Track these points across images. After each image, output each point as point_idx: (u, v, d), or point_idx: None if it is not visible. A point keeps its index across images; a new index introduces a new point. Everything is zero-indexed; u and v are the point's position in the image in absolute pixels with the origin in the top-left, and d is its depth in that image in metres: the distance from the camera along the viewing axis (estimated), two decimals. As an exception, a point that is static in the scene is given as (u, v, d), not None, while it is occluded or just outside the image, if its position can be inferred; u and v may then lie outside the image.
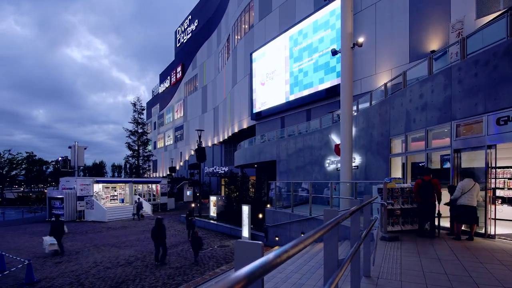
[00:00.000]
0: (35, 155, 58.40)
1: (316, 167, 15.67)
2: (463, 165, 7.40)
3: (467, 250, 5.80)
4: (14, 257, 11.29)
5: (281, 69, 23.40)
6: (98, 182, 27.47)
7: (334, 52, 12.05)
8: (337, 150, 13.02)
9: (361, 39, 11.65)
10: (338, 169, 12.85)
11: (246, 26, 29.47)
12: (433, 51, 12.23)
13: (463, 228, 6.96)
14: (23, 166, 53.75)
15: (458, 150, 7.37)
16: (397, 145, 10.06)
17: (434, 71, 8.36)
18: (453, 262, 5.07)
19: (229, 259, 12.10)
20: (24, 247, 14.64)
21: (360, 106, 13.51)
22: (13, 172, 53.22)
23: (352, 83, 11.34)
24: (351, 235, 3.51)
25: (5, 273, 9.63)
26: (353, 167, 11.75)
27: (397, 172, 9.86)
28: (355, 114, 13.02)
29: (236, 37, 31.66)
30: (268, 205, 15.62)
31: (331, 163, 14.57)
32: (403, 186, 7.58)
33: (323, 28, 19.30)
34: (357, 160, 12.66)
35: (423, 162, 8.55)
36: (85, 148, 29.87)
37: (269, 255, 0.92)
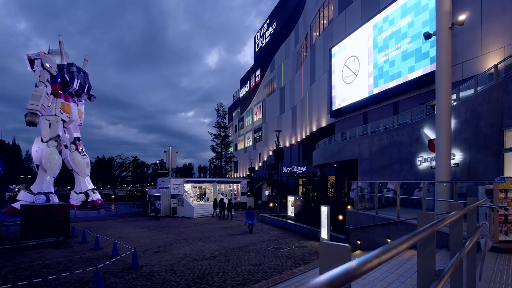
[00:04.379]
0: (139, 159, 68.16)
1: (405, 166, 13.98)
2: None
3: None
4: (124, 245, 13.26)
5: (363, 62, 21.82)
6: (187, 182, 30.37)
7: (427, 36, 10.83)
8: (431, 146, 11.38)
9: (462, 17, 10.07)
10: (433, 167, 11.18)
11: (325, 22, 28.62)
12: None
13: None
14: (130, 168, 63.17)
15: None
16: (513, 138, 8.18)
17: None
18: None
19: (307, 260, 11.81)
20: (131, 236, 17.00)
21: (461, 94, 11.50)
22: (123, 174, 63.10)
23: (450, 69, 9.86)
24: (451, 243, 2.96)
25: (117, 258, 11.38)
26: (452, 165, 10.04)
27: (513, 171, 8.01)
28: (455, 103, 11.15)
29: (314, 34, 31.01)
30: (349, 206, 14.65)
31: (424, 160, 12.78)
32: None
33: (413, 11, 17.22)
34: (457, 156, 10.77)
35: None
36: (177, 152, 33.45)
37: (359, 260, 0.87)
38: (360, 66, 22.18)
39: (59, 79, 30.37)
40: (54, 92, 30.24)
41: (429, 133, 12.39)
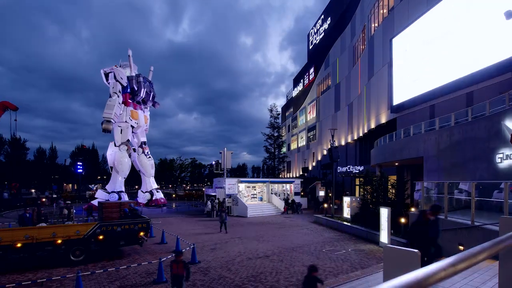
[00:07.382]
0: (197, 160, 71.97)
1: (482, 164, 12.25)
2: None
3: None
4: (184, 241, 14.06)
5: (429, 50, 19.82)
6: (241, 182, 31.07)
7: (509, 15, 9.34)
8: (515, 140, 9.76)
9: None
10: (518, 165, 9.57)
11: (385, 11, 26.88)
12: None
13: None
14: (189, 169, 67.06)
15: None
16: None
17: None
18: None
19: (365, 264, 11.18)
20: (189, 233, 17.89)
21: (556, 78, 9.65)
22: (182, 174, 67.25)
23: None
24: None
25: None
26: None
27: None
28: (546, 90, 9.41)
29: (373, 25, 29.29)
30: (413, 209, 13.38)
31: (506, 157, 11.03)
32: None
33: (491, -12, 15.12)
34: (551, 152, 9.06)
35: None
36: (231, 153, 34.54)
37: (431, 267, 0.82)
38: (426, 56, 20.20)
39: (128, 89, 33.62)
40: (124, 101, 33.55)
41: (512, 125, 10.67)
